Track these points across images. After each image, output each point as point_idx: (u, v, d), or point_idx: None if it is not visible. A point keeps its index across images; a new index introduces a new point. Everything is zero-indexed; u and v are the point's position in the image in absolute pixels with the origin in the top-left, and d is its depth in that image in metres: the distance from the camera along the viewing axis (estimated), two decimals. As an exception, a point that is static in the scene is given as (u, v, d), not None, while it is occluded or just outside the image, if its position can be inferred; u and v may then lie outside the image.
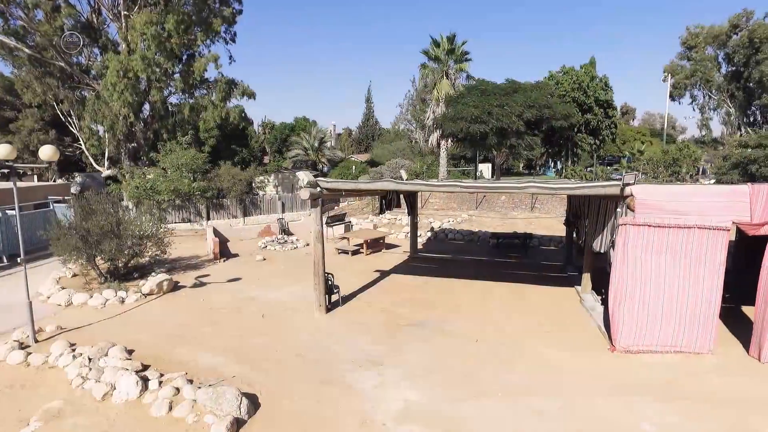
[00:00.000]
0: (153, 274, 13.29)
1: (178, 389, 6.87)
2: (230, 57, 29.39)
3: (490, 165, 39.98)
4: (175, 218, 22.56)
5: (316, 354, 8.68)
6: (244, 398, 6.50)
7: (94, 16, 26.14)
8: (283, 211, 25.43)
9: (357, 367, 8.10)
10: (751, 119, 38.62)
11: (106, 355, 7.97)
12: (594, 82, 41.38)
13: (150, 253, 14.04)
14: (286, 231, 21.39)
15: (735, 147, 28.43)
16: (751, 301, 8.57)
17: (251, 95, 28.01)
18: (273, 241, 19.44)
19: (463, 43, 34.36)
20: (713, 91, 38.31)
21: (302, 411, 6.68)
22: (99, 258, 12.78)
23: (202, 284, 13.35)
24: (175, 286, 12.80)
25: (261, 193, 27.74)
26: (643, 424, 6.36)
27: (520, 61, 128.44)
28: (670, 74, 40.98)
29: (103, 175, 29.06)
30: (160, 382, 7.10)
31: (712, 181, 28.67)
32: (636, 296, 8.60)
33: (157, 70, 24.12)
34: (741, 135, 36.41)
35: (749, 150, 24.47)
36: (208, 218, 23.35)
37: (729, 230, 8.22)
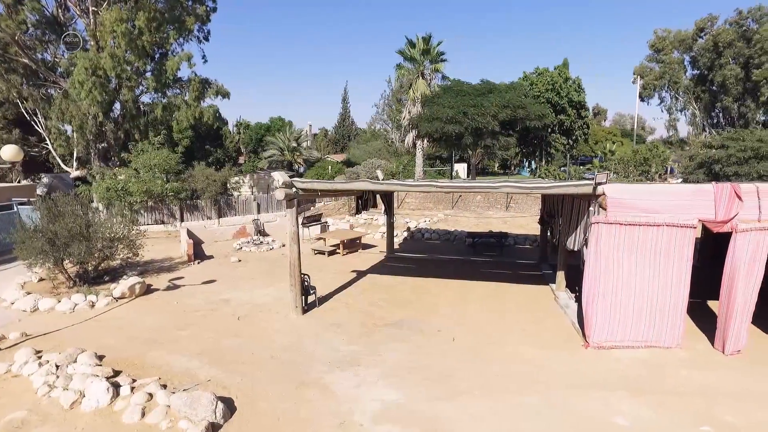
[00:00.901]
0: (125, 277, 12.97)
1: (151, 395, 6.72)
2: (204, 56, 28.83)
3: (465, 165, 40.35)
4: (147, 220, 22.09)
5: (292, 355, 8.61)
6: (219, 402, 6.39)
7: (60, 11, 25.36)
8: (259, 212, 25.15)
9: (334, 368, 8.06)
10: (715, 121, 39.92)
11: (75, 361, 7.73)
12: (567, 84, 42.14)
13: (122, 255, 13.70)
14: (261, 232, 21.17)
15: (700, 147, 29.37)
16: (716, 296, 8.86)
17: (226, 95, 27.61)
18: (248, 242, 19.22)
19: (438, 44, 34.59)
20: (680, 92, 39.47)
21: (279, 413, 6.61)
22: (67, 261, 12.41)
23: (176, 287, 13.10)
24: (147, 289, 12.53)
25: (236, 193, 27.39)
26: (618, 418, 6.50)
27: (495, 62, 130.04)
28: (640, 76, 42.02)
29: (71, 176, 28.22)
30: (132, 388, 6.93)
31: (680, 180, 29.52)
32: (608, 293, 8.78)
33: (128, 68, 23.56)
34: (706, 136, 37.62)
35: (713, 150, 25.26)
36: (182, 219, 22.92)
37: (695, 227, 8.47)
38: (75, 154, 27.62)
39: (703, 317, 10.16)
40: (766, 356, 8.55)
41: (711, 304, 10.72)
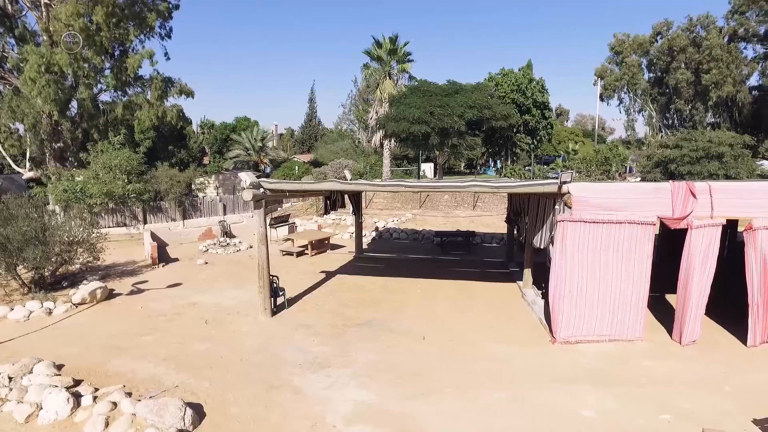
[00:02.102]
0: (85, 282, 12.49)
1: (115, 404, 6.49)
2: (166, 54, 27.85)
3: (432, 165, 40.69)
4: (108, 222, 21.32)
5: (262, 358, 8.49)
6: (188, 408, 6.24)
7: (8, 3, 24.12)
8: (225, 213, 24.67)
9: (305, 370, 8.00)
10: (670, 122, 41.60)
11: (31, 372, 7.36)
12: (532, 84, 43.06)
13: (81, 260, 13.20)
14: (228, 233, 20.80)
15: (657, 147, 30.53)
16: (673, 290, 9.26)
17: (189, 94, 26.94)
18: (215, 244, 18.86)
19: (405, 44, 34.79)
20: (638, 94, 40.93)
21: (250, 417, 6.51)
22: (21, 267, 11.86)
23: (140, 291, 12.71)
24: (110, 294, 12.11)
25: (201, 195, 26.78)
26: (585, 411, 6.70)
27: (461, 63, 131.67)
28: (600, 77, 43.34)
29: (24, 178, 26.96)
30: (95, 398, 6.68)
31: (638, 178, 30.61)
32: (574, 289, 9.03)
33: (86, 65, 22.65)
34: (662, 136, 39.14)
35: (669, 150, 26.30)
36: (145, 222, 22.25)
37: (654, 224, 8.82)
38: (28, 155, 26.38)
39: (662, 310, 10.59)
40: (718, 345, 9.01)
41: (669, 297, 11.16)
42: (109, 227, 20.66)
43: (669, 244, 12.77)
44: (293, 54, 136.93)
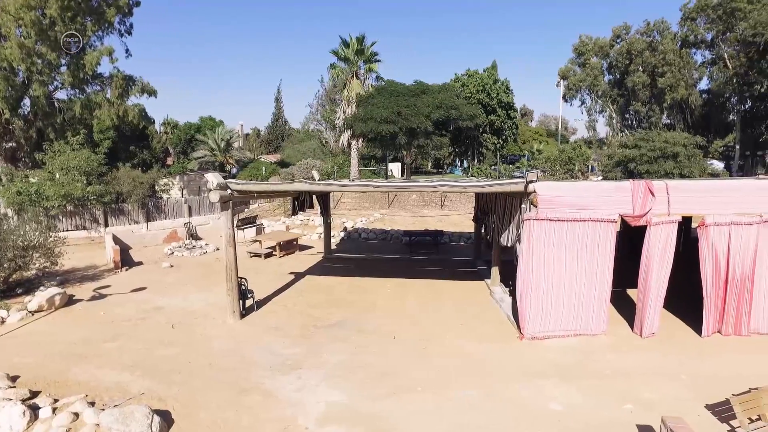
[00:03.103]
0: (42, 288, 11.97)
1: (77, 414, 6.26)
2: (127, 51, 26.94)
3: (400, 164, 40.87)
4: (67, 226, 20.53)
5: (231, 362, 8.37)
6: (155, 416, 6.10)
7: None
8: (190, 215, 24.15)
9: (275, 373, 7.93)
10: (629, 123, 43.12)
11: (-18, 384, 7.04)
12: (497, 85, 43.80)
13: (38, 265, 12.69)
14: (194, 235, 20.36)
15: (617, 147, 31.61)
16: (634, 285, 9.62)
17: (152, 93, 26.20)
18: (180, 246, 18.43)
19: (372, 44, 34.77)
20: (599, 94, 42.24)
21: (220, 422, 6.41)
22: (-27, 273, 11.32)
23: (102, 296, 12.30)
24: (69, 300, 11.67)
25: (165, 196, 26.11)
26: (552, 404, 6.90)
27: (427, 63, 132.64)
28: (564, 78, 44.50)
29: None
30: (54, 409, 6.42)
31: (600, 177, 31.57)
32: (540, 286, 9.26)
33: (39, 61, 21.74)
34: (621, 136, 40.52)
35: (628, 150, 27.26)
36: (107, 224, 21.54)
37: (616, 222, 9.15)
38: (-25, 155, 25.14)
39: (623, 304, 10.97)
40: (675, 336, 9.42)
41: (630, 292, 11.57)
42: (67, 231, 19.91)
43: (629, 241, 13.24)
44: (259, 53, 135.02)
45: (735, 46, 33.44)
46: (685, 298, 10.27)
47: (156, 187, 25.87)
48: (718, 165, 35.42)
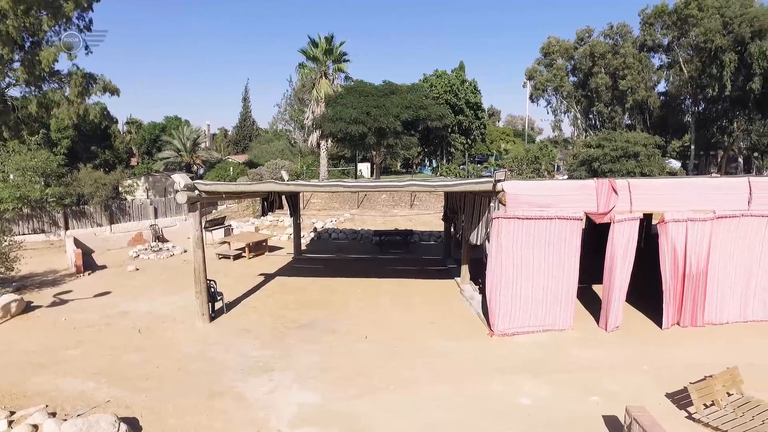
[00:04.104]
0: (-3, 294, 11.49)
1: (36, 426, 6.01)
2: (87, 47, 26.00)
3: (369, 164, 40.89)
4: (23, 229, 19.71)
5: (201, 365, 8.23)
6: (122, 424, 5.93)
7: None
8: (156, 217, 23.55)
9: (246, 375, 7.84)
10: (592, 123, 44.33)
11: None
12: (464, 86, 44.36)
13: (-9, 270, 12.15)
14: (160, 238, 19.87)
15: (582, 147, 32.47)
16: (599, 281, 9.93)
17: (114, 91, 25.29)
18: (146, 249, 17.95)
19: (341, 44, 34.64)
20: (565, 95, 43.27)
21: (191, 428, 6.29)
22: None
23: (63, 302, 11.87)
24: (27, 307, 11.19)
25: (130, 198, 25.38)
26: (522, 399, 7.07)
27: (396, 64, 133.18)
28: (530, 78, 45.38)
29: None
30: (11, 422, 6.14)
31: (565, 176, 32.41)
32: (509, 283, 9.45)
33: (-11, 56, 20.75)
34: (586, 136, 41.66)
35: (592, 150, 28.06)
36: (67, 228, 20.78)
37: (582, 219, 9.42)
38: None
39: (589, 300, 11.31)
40: (637, 329, 9.79)
41: (595, 288, 11.92)
42: (24, 234, 19.14)
43: (595, 238, 13.64)
44: (226, 51, 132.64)
45: (689, 51, 34.85)
46: (647, 293, 10.66)
47: (120, 189, 25.13)
48: (676, 164, 36.92)
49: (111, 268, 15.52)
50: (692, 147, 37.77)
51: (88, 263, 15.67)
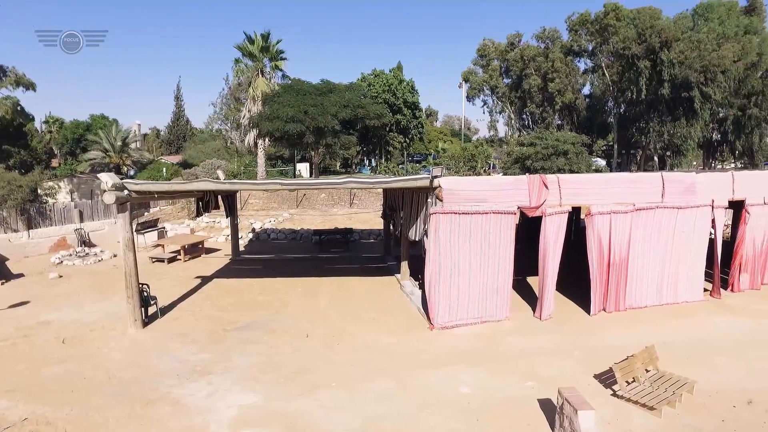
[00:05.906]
0: None
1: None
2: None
3: (308, 164, 40.49)
4: (-77, 237, 17.88)
5: (134, 373, 7.84)
6: (44, 438, 5.56)
7: None
8: (82, 221, 22.08)
9: (183, 380, 7.56)
10: (525, 123, 46.29)
11: None
12: (402, 85, 44.93)
13: None
14: (87, 242, 18.67)
15: (515, 145, 33.83)
16: (533, 272, 10.40)
17: (30, 86, 23.66)
18: (71, 254, 16.81)
19: (278, 42, 34.07)
20: (500, 95, 44.86)
21: (122, 439, 5.99)
22: None
23: (-27, 314, 10.90)
24: (-70, 321, 10.20)
25: (51, 201, 23.64)
26: (462, 388, 7.28)
27: (333, 63, 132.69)
28: (466, 80, 46.67)
29: None
30: None
31: (500, 174, 33.60)
32: (447, 277, 9.69)
33: None
34: (519, 135, 43.41)
35: (525, 148, 29.31)
36: (-25, 234, 19.07)
37: (515, 213, 9.82)
38: None
39: (524, 291, 11.82)
40: (568, 317, 10.34)
41: (529, 279, 12.47)
42: (-74, 242, 17.35)
43: (528, 232, 14.27)
44: (156, 47, 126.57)
45: (610, 57, 37.23)
46: (576, 282, 11.28)
47: (39, 191, 23.34)
48: (601, 162, 39.35)
49: (30, 276, 14.41)
50: (615, 146, 40.36)
51: (2, 272, 14.47)
